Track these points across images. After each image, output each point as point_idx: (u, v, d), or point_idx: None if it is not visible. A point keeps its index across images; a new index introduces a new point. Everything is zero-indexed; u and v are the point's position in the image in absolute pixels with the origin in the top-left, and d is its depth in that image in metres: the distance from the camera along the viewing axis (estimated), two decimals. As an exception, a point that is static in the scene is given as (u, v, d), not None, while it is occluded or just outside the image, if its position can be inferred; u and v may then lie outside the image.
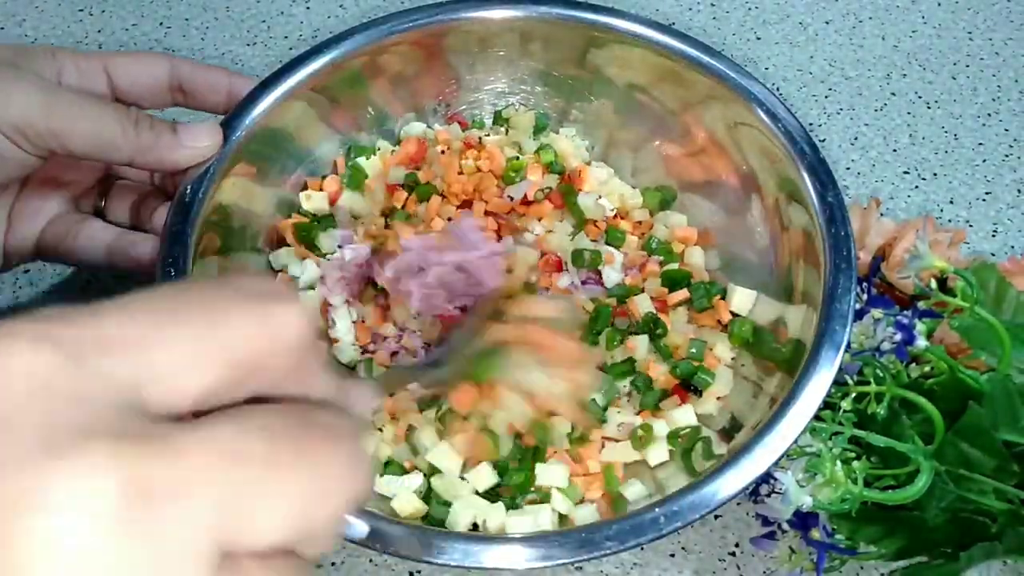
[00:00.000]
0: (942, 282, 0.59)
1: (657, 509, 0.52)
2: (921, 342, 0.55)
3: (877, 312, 0.56)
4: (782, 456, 0.52)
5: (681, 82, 0.68)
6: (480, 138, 0.73)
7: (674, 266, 0.68)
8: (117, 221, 0.66)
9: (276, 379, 0.29)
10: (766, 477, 0.53)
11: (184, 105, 0.65)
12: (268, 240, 0.68)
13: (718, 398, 0.63)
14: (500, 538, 0.53)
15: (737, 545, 0.65)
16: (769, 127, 0.63)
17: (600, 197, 0.71)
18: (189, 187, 0.59)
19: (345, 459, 0.27)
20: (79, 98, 0.56)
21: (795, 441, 0.53)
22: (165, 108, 0.65)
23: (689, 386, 0.63)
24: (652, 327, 0.65)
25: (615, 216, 0.71)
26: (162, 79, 0.62)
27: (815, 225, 0.60)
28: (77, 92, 0.57)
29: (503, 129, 0.74)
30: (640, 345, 0.64)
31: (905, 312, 0.56)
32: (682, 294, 0.66)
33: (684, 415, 0.62)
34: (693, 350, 0.64)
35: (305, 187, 0.70)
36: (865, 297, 0.57)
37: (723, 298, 0.66)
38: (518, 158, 0.71)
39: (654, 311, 0.65)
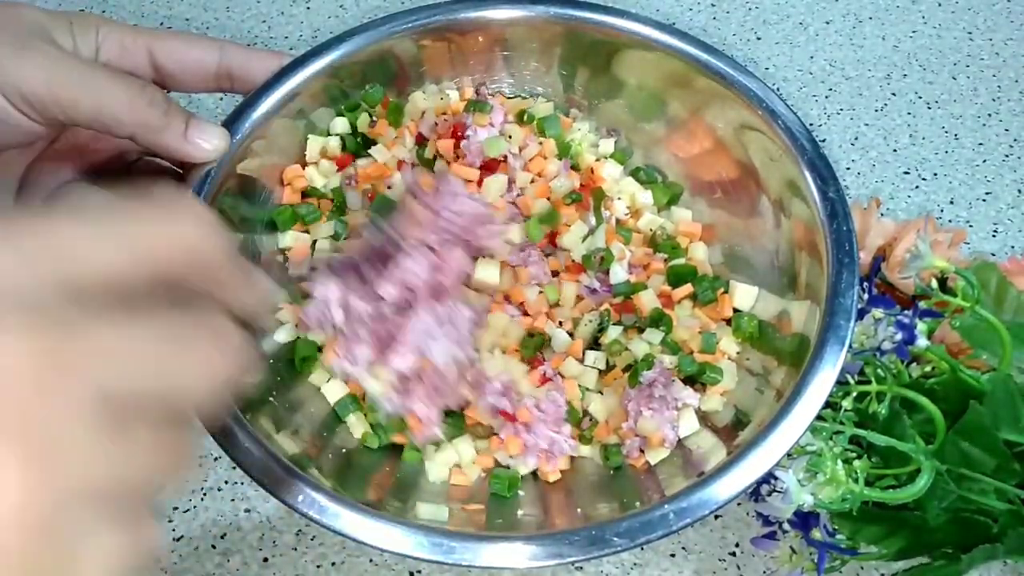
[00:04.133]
0: (942, 282, 0.59)
1: (666, 506, 0.51)
2: (922, 341, 0.55)
3: (878, 312, 0.56)
4: (787, 452, 0.52)
5: (682, 81, 0.68)
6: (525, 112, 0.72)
7: (679, 261, 0.68)
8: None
9: (181, 272, 0.33)
10: (767, 477, 0.53)
11: (230, 91, 0.64)
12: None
13: (722, 393, 0.63)
14: (509, 536, 0.52)
15: (737, 545, 0.65)
16: (769, 124, 0.63)
17: (618, 198, 0.71)
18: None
19: (219, 344, 0.33)
20: (87, 69, 0.55)
21: (799, 439, 0.53)
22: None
23: (694, 382, 0.63)
24: (657, 323, 0.64)
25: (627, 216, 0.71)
26: (210, 65, 0.61)
27: (817, 221, 0.59)
28: (87, 63, 0.56)
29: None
30: (651, 340, 0.64)
31: (906, 312, 0.57)
32: (687, 288, 0.66)
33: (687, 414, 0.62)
34: (704, 344, 0.64)
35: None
36: (866, 297, 0.57)
37: (726, 292, 0.66)
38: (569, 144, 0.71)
39: (660, 307, 0.65)
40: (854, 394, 0.57)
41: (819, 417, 0.54)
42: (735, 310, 0.65)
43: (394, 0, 0.97)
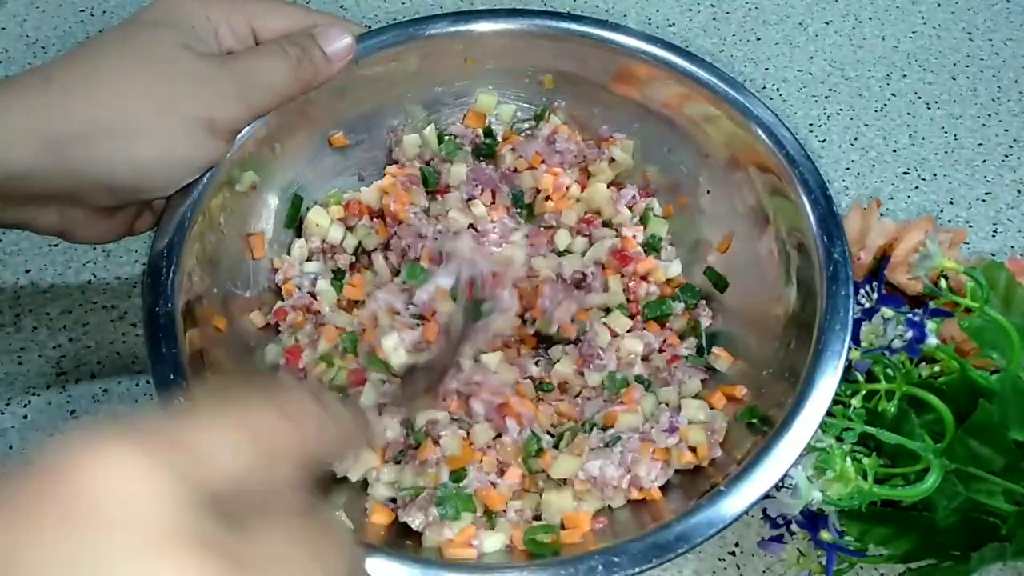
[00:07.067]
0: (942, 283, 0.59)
1: (672, 529, 0.52)
2: (933, 340, 0.55)
3: (888, 311, 0.56)
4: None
5: (703, 114, 0.68)
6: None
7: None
8: None
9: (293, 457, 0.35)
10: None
11: None
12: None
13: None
14: (512, 566, 0.53)
15: (737, 545, 0.65)
16: (786, 172, 0.63)
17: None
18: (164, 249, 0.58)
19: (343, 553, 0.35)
20: (252, 63, 0.59)
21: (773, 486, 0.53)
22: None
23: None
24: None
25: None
26: (299, 29, 0.63)
27: (818, 282, 0.59)
28: (247, 59, 0.59)
29: None
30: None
31: (915, 311, 0.57)
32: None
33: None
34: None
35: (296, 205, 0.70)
36: (875, 296, 0.57)
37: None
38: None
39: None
40: (863, 392, 0.57)
41: (828, 414, 0.54)
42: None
43: (395, 1, 0.97)
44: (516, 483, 0.59)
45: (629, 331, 0.67)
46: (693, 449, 0.60)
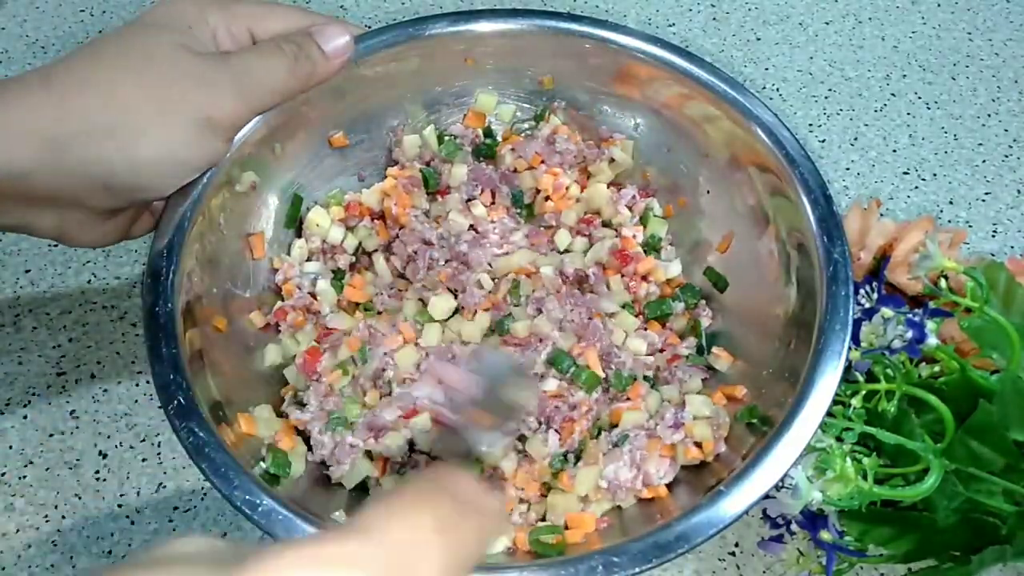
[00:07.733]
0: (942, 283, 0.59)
1: (672, 529, 0.52)
2: (933, 340, 0.55)
3: (887, 311, 0.56)
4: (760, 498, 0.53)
5: (702, 113, 0.68)
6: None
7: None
8: None
9: None
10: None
11: None
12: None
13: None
14: (513, 566, 0.52)
15: (737, 545, 0.65)
16: (786, 172, 0.63)
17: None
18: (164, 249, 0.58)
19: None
20: (250, 62, 0.59)
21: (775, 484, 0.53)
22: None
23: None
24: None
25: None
26: (297, 30, 0.63)
27: (818, 282, 0.59)
28: (243, 61, 0.59)
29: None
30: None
31: (915, 311, 0.57)
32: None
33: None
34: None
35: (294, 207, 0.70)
36: (875, 296, 0.57)
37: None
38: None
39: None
40: (863, 392, 0.57)
41: (828, 414, 0.54)
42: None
43: (395, 1, 0.97)
44: (534, 496, 0.60)
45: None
46: (698, 445, 0.60)
